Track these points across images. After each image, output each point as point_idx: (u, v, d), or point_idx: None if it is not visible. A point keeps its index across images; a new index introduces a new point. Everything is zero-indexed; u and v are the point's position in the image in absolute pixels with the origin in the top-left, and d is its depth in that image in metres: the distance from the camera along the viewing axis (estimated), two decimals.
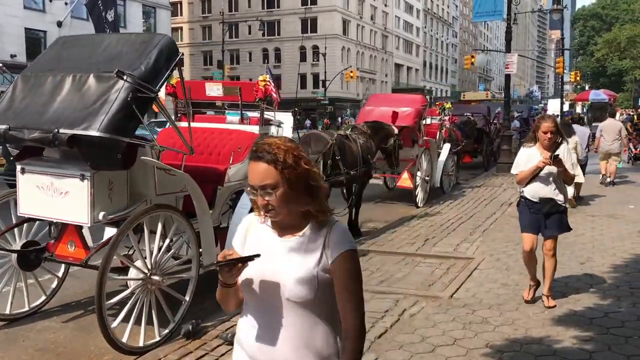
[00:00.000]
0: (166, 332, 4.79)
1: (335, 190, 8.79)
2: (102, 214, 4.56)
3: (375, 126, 9.48)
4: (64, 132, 4.25)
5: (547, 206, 5.25)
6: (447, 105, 14.82)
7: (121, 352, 4.41)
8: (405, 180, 11.15)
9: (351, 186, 8.89)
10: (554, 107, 44.97)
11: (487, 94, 43.59)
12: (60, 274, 5.71)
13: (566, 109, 43.75)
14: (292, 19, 64.23)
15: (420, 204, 11.27)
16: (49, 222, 5.10)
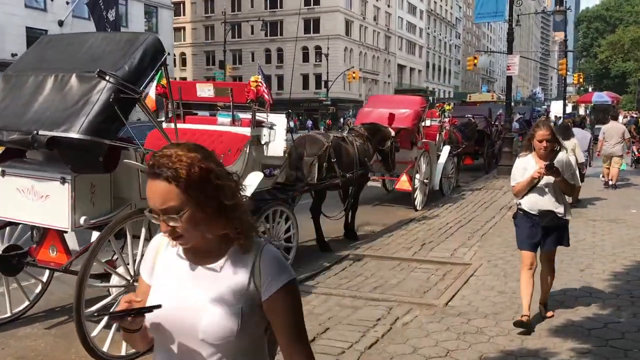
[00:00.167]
0: None
1: (332, 192, 8.66)
2: (84, 219, 4.42)
3: (372, 128, 9.34)
4: (44, 134, 4.13)
5: (546, 219, 4.86)
6: (447, 107, 14.66)
7: None
8: (403, 182, 10.98)
9: (348, 189, 8.76)
10: (557, 109, 44.87)
11: (492, 96, 43.41)
12: (44, 278, 5.55)
13: (569, 111, 43.55)
14: (294, 19, 64.04)
15: (419, 207, 11.11)
16: (31, 226, 4.96)
